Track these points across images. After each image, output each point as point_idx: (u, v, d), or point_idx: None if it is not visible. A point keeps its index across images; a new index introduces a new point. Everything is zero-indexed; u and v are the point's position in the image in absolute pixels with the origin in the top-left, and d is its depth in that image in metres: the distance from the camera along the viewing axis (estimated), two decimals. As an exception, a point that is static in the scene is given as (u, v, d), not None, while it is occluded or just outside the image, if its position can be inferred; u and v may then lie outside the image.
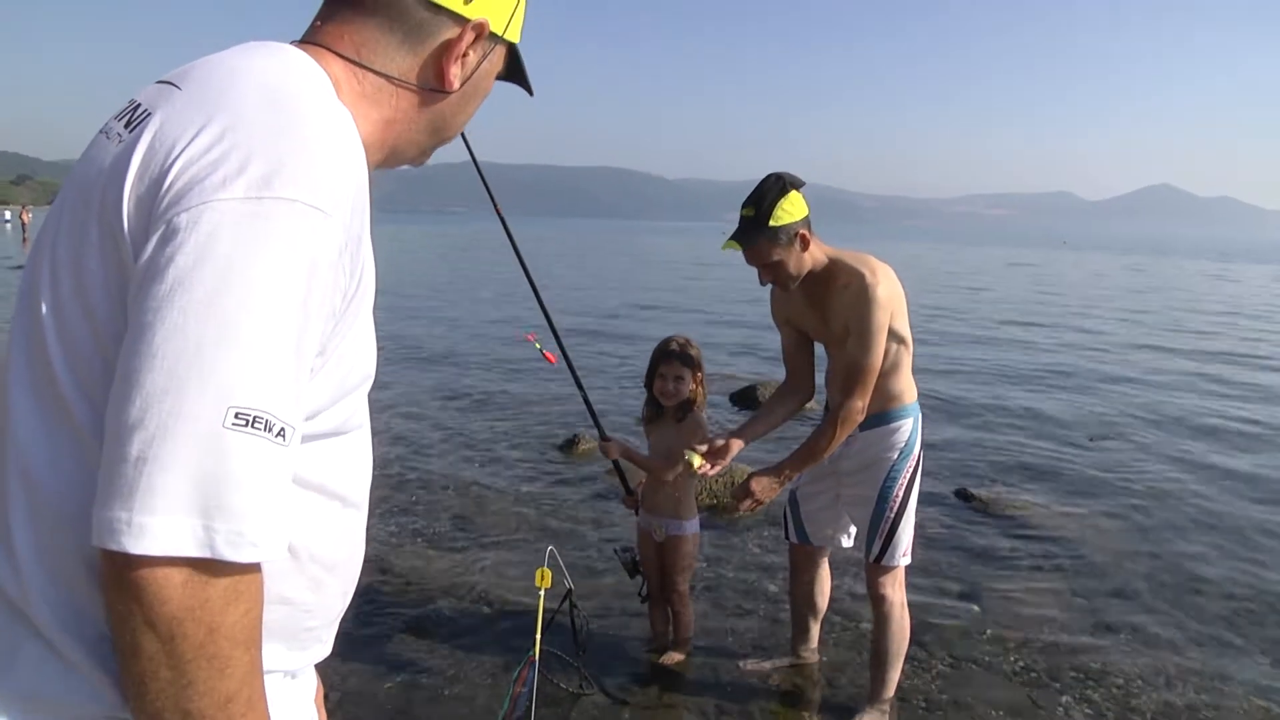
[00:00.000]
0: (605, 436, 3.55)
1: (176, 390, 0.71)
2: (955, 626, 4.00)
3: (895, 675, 3.21)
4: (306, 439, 0.88)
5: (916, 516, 3.09)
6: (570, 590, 3.43)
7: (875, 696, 3.22)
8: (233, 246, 0.75)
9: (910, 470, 3.03)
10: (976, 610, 4.17)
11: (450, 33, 1.00)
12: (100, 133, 0.93)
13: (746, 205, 2.85)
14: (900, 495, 3.01)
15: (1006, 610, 4.18)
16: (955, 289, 24.84)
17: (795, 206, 2.82)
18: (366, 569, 1.09)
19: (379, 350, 1.00)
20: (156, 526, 0.70)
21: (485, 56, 1.05)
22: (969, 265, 40.89)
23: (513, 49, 1.10)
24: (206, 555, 0.72)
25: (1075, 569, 4.69)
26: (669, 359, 3.42)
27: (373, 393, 1.01)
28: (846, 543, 3.34)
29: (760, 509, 3.05)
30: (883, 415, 3.01)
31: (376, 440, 1.09)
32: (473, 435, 7.07)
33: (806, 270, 2.91)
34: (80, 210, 0.86)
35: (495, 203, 3.48)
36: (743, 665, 3.56)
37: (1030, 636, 3.92)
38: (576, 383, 3.64)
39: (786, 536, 3.42)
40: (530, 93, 1.17)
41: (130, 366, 0.73)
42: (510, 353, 10.70)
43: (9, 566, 0.84)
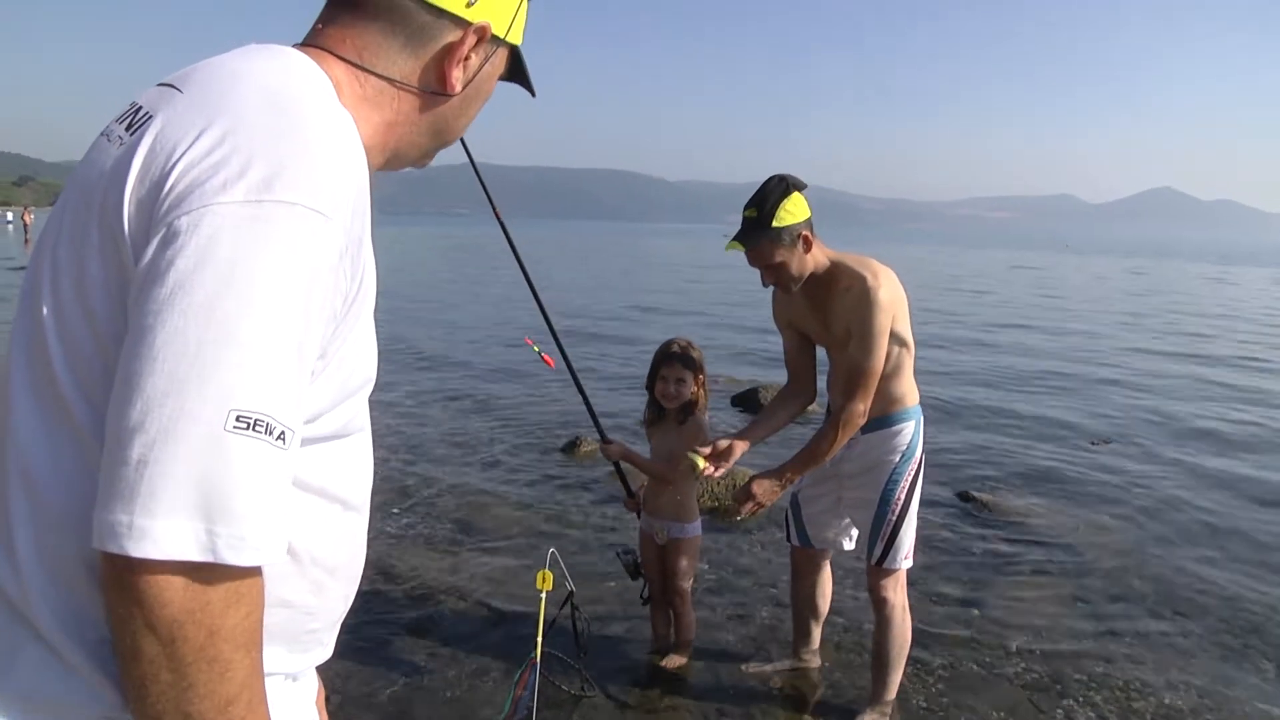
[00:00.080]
0: (606, 439, 3.55)
1: (177, 393, 0.71)
2: (957, 629, 3.99)
3: (897, 678, 3.21)
4: (307, 442, 0.88)
5: (918, 519, 3.09)
6: (572, 593, 3.42)
7: (876, 699, 3.22)
8: (233, 250, 0.75)
9: (912, 473, 3.02)
10: (978, 613, 4.17)
11: (452, 36, 1.00)
12: (101, 135, 0.93)
13: (749, 206, 2.85)
14: (902, 498, 3.01)
15: (1008, 613, 4.18)
16: (957, 292, 24.82)
17: (798, 208, 2.82)
18: (368, 571, 1.09)
19: (380, 353, 1.00)
20: (157, 530, 0.70)
21: (487, 59, 1.05)
22: (971, 268, 40.86)
23: (515, 51, 1.10)
24: (208, 559, 0.72)
25: (1077, 573, 4.68)
26: (670, 361, 3.41)
27: (374, 395, 1.01)
28: (848, 545, 3.33)
29: (762, 512, 3.05)
30: (885, 418, 3.01)
31: (377, 443, 1.09)
32: (474, 438, 7.07)
33: (809, 272, 2.91)
34: (81, 213, 0.86)
35: (494, 206, 3.48)
36: (744, 668, 3.56)
37: (1032, 640, 3.91)
38: (577, 385, 3.64)
39: (788, 539, 3.42)
40: (533, 94, 1.17)
41: (131, 369, 0.73)
42: (511, 355, 10.70)
43: (9, 568, 0.84)
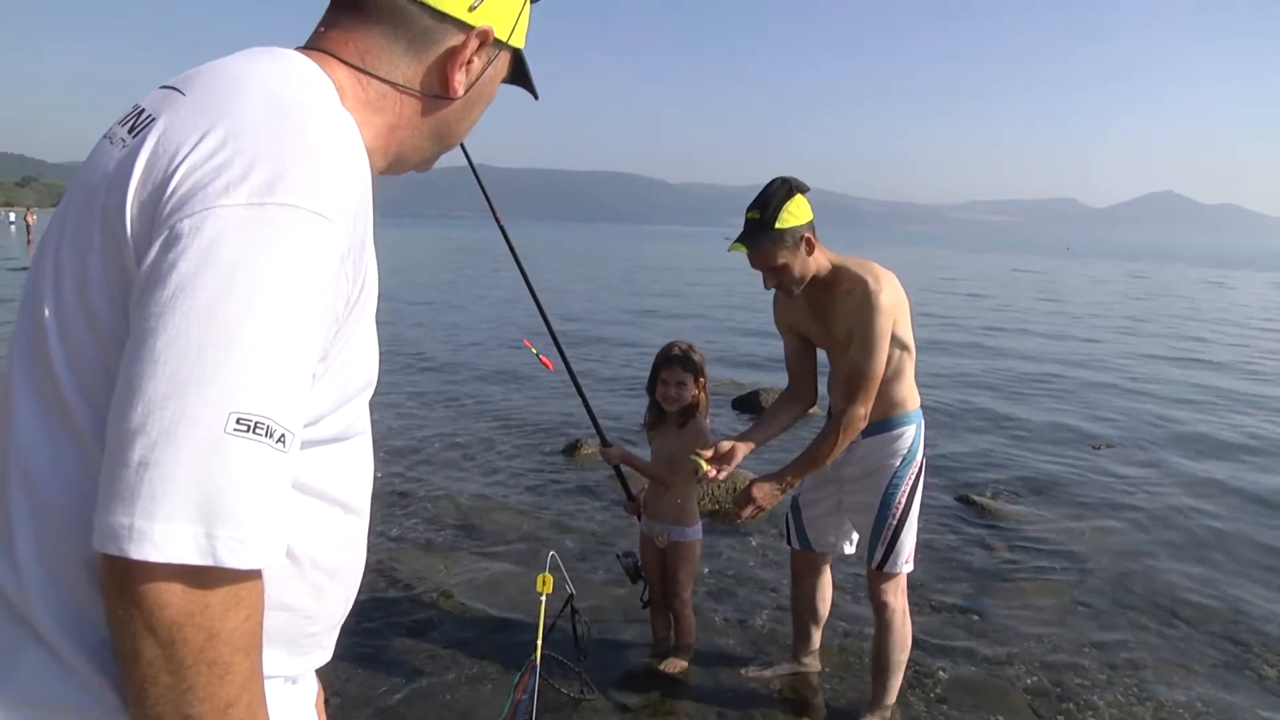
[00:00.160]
0: (606, 442, 3.55)
1: (178, 396, 0.71)
2: (957, 634, 3.98)
3: (897, 682, 3.21)
4: (308, 445, 0.88)
5: (919, 523, 3.09)
6: (572, 595, 3.42)
7: (877, 703, 3.22)
8: (235, 252, 0.75)
9: (913, 477, 3.02)
10: (978, 618, 4.16)
11: (454, 40, 1.00)
12: (104, 138, 0.93)
13: (752, 208, 2.85)
14: (903, 502, 3.01)
15: (1009, 618, 4.17)
16: (958, 295, 24.81)
17: (800, 210, 2.83)
18: (367, 574, 1.09)
19: (380, 355, 1.00)
20: (158, 533, 0.70)
21: (490, 63, 1.05)
22: (972, 271, 40.85)
23: (517, 54, 1.10)
24: (208, 563, 0.72)
25: (1078, 578, 4.68)
26: (671, 364, 3.41)
27: (374, 398, 1.01)
28: (849, 549, 3.33)
29: (762, 515, 3.05)
30: (885, 422, 3.01)
31: (377, 445, 1.09)
32: (474, 440, 7.06)
33: (811, 274, 2.91)
34: (84, 215, 0.86)
35: (494, 210, 3.47)
36: (744, 671, 3.56)
37: (1032, 645, 3.91)
38: (577, 388, 3.63)
39: (788, 543, 3.41)
40: (536, 96, 1.17)
41: (132, 372, 0.73)
42: (512, 357, 10.70)
43: (10, 569, 0.84)
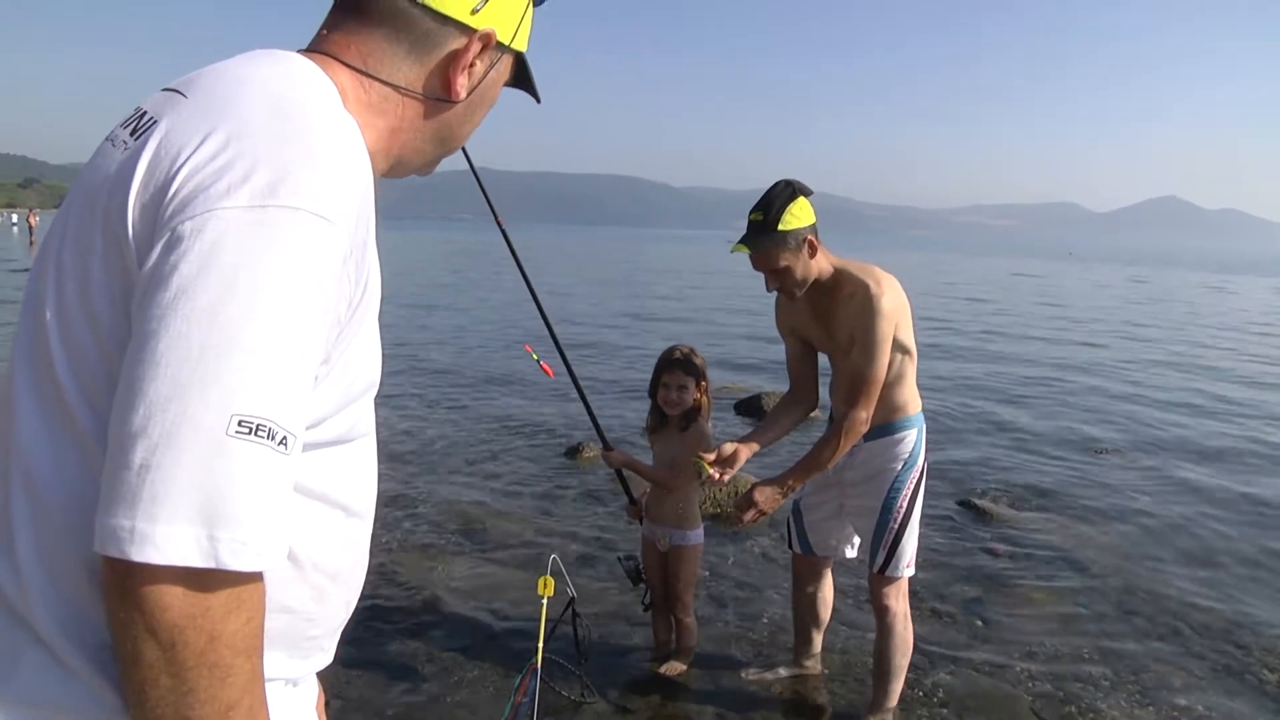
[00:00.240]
0: (608, 446, 3.54)
1: (179, 398, 0.71)
2: (959, 638, 3.98)
3: (898, 686, 3.20)
4: (310, 447, 0.88)
5: (920, 528, 3.08)
6: (573, 599, 3.42)
7: (877, 707, 3.21)
8: (237, 255, 0.75)
9: (914, 481, 3.02)
10: (980, 623, 4.16)
11: (457, 43, 1.00)
12: (106, 140, 0.93)
13: (755, 210, 2.86)
14: (904, 506, 3.00)
15: (1010, 622, 4.17)
16: (959, 300, 24.81)
17: (803, 212, 2.83)
18: (369, 577, 1.08)
19: (382, 357, 1.00)
20: (159, 535, 0.70)
21: (492, 66, 1.05)
22: (974, 275, 40.85)
23: (520, 58, 1.10)
24: (210, 565, 0.72)
25: (1081, 583, 4.67)
26: (672, 368, 3.41)
27: (375, 401, 1.01)
28: (850, 553, 3.33)
29: (764, 519, 3.05)
30: (887, 426, 3.00)
31: (379, 448, 1.09)
32: (475, 443, 7.06)
33: (813, 277, 2.91)
34: (85, 217, 0.86)
35: (496, 214, 3.46)
36: (745, 674, 3.56)
37: (1034, 649, 3.90)
38: (579, 391, 3.62)
39: (790, 546, 3.41)
40: (538, 100, 1.17)
41: (134, 374, 0.73)
42: (514, 361, 10.69)
43: (10, 571, 0.84)
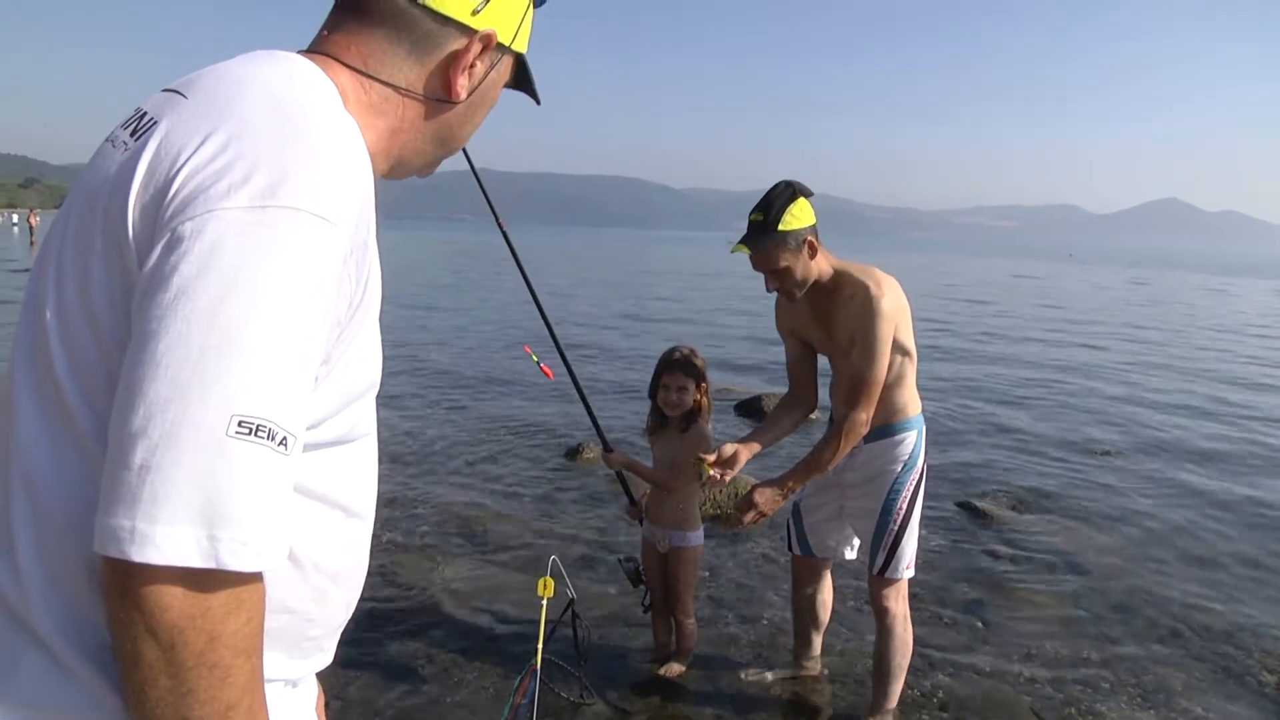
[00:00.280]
0: (608, 447, 3.54)
1: (179, 399, 0.71)
2: (959, 640, 3.98)
3: (898, 687, 3.20)
4: (311, 447, 0.88)
5: (920, 529, 3.08)
6: (572, 600, 3.42)
7: (877, 708, 3.21)
8: (237, 255, 0.75)
9: (914, 483, 3.02)
10: (980, 625, 4.16)
11: (457, 44, 1.00)
12: (106, 141, 0.93)
13: (755, 211, 2.86)
14: (904, 508, 3.00)
15: (1011, 624, 4.17)
16: (961, 301, 24.81)
17: (804, 213, 2.83)
18: (369, 577, 1.08)
19: (383, 358, 1.00)
20: (159, 536, 0.70)
21: (492, 67, 1.05)
22: (974, 277, 40.85)
23: (520, 59, 1.10)
24: (210, 566, 0.72)
25: (1081, 584, 4.67)
26: (672, 369, 3.41)
27: (376, 402, 1.01)
28: (850, 555, 3.33)
29: (763, 521, 3.04)
30: (887, 427, 3.00)
31: (379, 449, 1.09)
32: (475, 444, 7.06)
33: (813, 278, 2.91)
34: (86, 217, 0.86)
35: (496, 215, 3.46)
36: (744, 675, 3.56)
37: (1034, 650, 3.90)
38: (579, 392, 3.61)
39: (789, 548, 3.41)
40: (538, 101, 1.17)
41: (134, 375, 0.73)
42: (514, 362, 10.69)
43: (10, 572, 0.83)
